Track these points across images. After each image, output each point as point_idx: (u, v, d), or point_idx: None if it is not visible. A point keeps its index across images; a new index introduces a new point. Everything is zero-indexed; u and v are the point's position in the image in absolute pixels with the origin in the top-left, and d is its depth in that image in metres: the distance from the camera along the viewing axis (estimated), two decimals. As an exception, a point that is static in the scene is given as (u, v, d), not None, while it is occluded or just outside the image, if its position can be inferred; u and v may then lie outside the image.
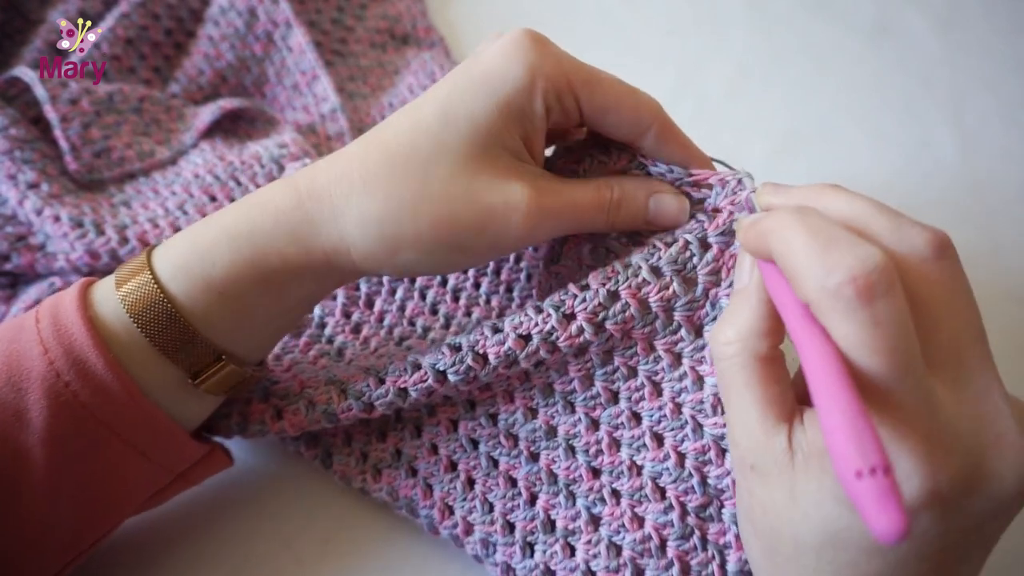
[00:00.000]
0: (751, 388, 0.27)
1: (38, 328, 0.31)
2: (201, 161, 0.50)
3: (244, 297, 0.32)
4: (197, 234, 0.33)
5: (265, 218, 0.32)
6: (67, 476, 0.31)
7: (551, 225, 0.33)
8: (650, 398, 0.34)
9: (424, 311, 0.44)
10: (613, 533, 0.34)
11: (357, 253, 0.32)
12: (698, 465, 0.33)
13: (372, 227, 0.31)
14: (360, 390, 0.35)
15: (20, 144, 0.46)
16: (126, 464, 0.32)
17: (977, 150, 0.57)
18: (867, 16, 0.66)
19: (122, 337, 0.31)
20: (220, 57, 0.57)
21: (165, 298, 0.31)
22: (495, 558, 0.36)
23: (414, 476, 0.38)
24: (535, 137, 0.33)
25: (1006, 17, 0.65)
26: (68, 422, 0.30)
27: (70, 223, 0.44)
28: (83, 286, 0.33)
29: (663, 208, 0.34)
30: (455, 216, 0.31)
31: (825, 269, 0.23)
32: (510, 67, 0.31)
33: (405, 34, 0.64)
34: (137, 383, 0.31)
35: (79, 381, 0.30)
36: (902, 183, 0.56)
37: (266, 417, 0.37)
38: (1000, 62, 0.62)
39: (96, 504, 0.33)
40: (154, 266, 0.32)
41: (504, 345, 0.33)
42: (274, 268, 0.32)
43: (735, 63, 0.63)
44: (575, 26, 0.66)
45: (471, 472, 0.37)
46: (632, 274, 0.33)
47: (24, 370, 0.30)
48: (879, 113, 0.60)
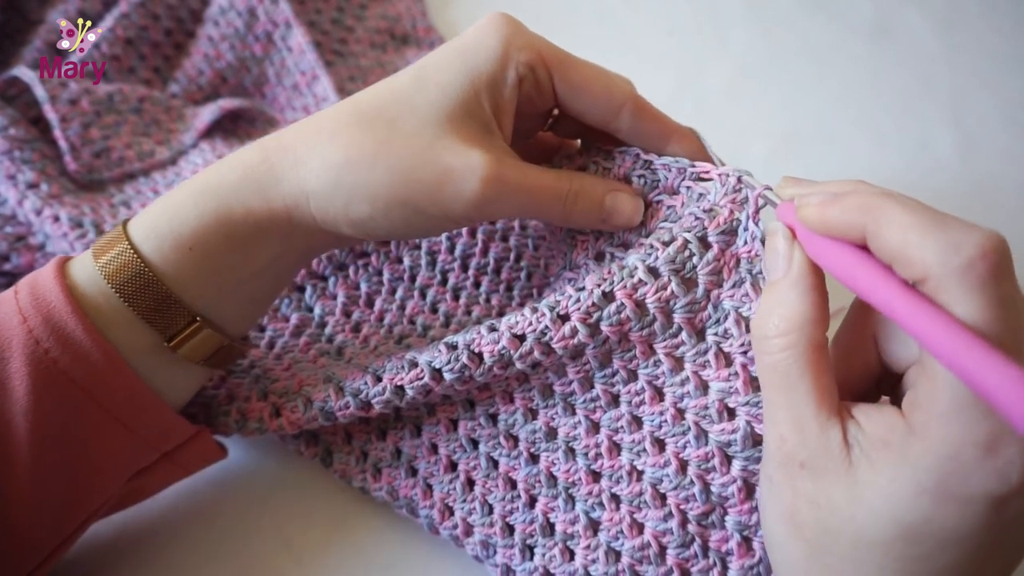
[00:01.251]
0: (806, 379, 0.27)
1: (16, 299, 0.31)
2: (201, 161, 0.50)
3: (212, 254, 0.32)
4: (168, 196, 0.34)
5: (232, 172, 0.33)
6: (50, 449, 0.31)
7: (507, 200, 0.33)
8: (651, 402, 0.34)
9: (424, 310, 0.44)
10: (612, 539, 0.34)
11: (315, 202, 0.32)
12: (701, 473, 0.32)
13: (330, 173, 0.32)
14: (357, 388, 0.35)
15: (20, 144, 0.46)
16: (108, 435, 0.32)
17: (977, 150, 0.57)
18: (867, 16, 0.66)
19: (101, 304, 0.32)
20: (220, 57, 0.57)
21: (141, 261, 0.32)
22: (495, 559, 0.36)
23: (414, 476, 0.38)
24: (505, 109, 0.34)
25: (1006, 17, 0.65)
26: (49, 390, 0.30)
27: (69, 223, 0.44)
28: (60, 260, 0.33)
29: (618, 206, 0.35)
30: (412, 169, 0.32)
31: (951, 245, 0.23)
32: (484, 39, 0.33)
33: (405, 34, 0.64)
34: (118, 349, 0.31)
35: (59, 348, 0.30)
36: (902, 183, 0.56)
37: (264, 415, 0.36)
38: (1000, 62, 0.62)
39: (79, 479, 0.33)
40: (129, 233, 0.33)
41: (499, 344, 0.33)
42: (238, 221, 0.32)
43: (735, 63, 0.63)
44: (575, 26, 0.66)
45: (471, 473, 0.37)
46: (628, 274, 0.32)
47: (4, 340, 0.30)
48: (879, 113, 0.60)
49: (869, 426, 0.26)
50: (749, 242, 0.31)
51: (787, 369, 0.27)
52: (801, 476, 0.27)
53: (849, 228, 0.26)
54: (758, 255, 0.31)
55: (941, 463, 0.23)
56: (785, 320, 0.27)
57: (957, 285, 0.23)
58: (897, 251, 0.24)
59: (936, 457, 0.24)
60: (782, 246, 0.29)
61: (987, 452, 0.23)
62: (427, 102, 0.32)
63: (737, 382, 0.32)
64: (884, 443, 0.25)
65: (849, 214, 0.26)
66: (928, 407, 0.24)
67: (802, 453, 0.27)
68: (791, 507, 0.27)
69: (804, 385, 0.27)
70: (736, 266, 0.32)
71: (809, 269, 0.28)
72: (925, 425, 0.24)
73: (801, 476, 0.27)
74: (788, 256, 0.29)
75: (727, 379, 0.32)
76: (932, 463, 0.24)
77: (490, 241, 0.44)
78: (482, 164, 0.32)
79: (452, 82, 0.33)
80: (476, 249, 0.44)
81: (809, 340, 0.27)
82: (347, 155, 0.32)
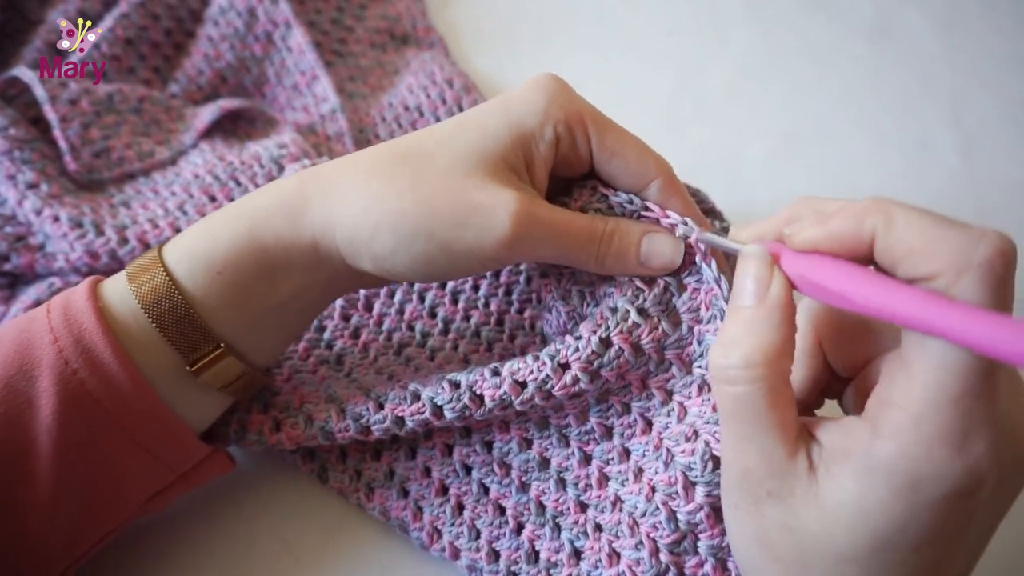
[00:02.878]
0: (775, 412, 0.26)
1: (49, 318, 0.32)
2: (201, 161, 0.50)
3: (241, 280, 0.33)
4: (205, 220, 0.34)
5: (267, 198, 0.34)
6: (70, 467, 0.31)
7: (538, 239, 0.32)
8: (641, 434, 0.34)
9: (423, 314, 0.44)
10: (592, 568, 0.34)
11: (341, 232, 0.32)
12: (665, 499, 0.32)
13: (359, 202, 0.32)
14: (359, 412, 0.35)
15: (19, 144, 0.46)
16: (129, 457, 0.33)
17: (977, 150, 0.57)
18: (867, 16, 0.66)
19: (130, 325, 0.32)
20: (220, 57, 0.57)
21: (172, 284, 0.32)
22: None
23: (405, 497, 0.38)
24: (539, 163, 0.34)
25: (1006, 17, 0.65)
26: (75, 410, 0.31)
27: (69, 223, 0.44)
28: (93, 281, 0.34)
29: (656, 247, 0.33)
30: (438, 201, 0.31)
31: (972, 241, 0.23)
32: (530, 95, 0.33)
33: (405, 34, 0.64)
34: (142, 372, 0.32)
35: (87, 369, 0.31)
36: (901, 183, 0.56)
37: (264, 428, 0.37)
38: (1000, 62, 0.62)
39: (98, 499, 0.33)
40: (164, 257, 0.33)
41: (500, 389, 0.33)
42: (268, 248, 0.33)
43: (735, 63, 0.63)
44: (575, 26, 0.66)
45: (461, 497, 0.37)
46: (621, 318, 0.33)
47: (35, 358, 0.31)
48: (879, 113, 0.60)
49: (827, 440, 0.26)
50: (709, 283, 0.32)
51: (753, 401, 0.26)
52: (769, 503, 0.26)
53: (852, 235, 0.26)
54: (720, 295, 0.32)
55: (913, 464, 0.23)
56: (757, 351, 0.26)
57: (976, 282, 0.23)
58: (914, 246, 0.24)
59: (908, 459, 0.23)
60: (759, 271, 0.28)
61: (958, 450, 0.23)
62: (465, 143, 0.33)
63: (708, 406, 0.32)
64: (844, 454, 0.25)
65: (851, 221, 0.26)
66: (904, 406, 0.24)
67: (769, 482, 0.26)
68: (760, 532, 0.27)
69: (772, 418, 0.26)
70: (711, 303, 0.33)
71: (787, 299, 0.27)
72: (898, 426, 0.24)
73: (769, 503, 0.26)
74: (765, 283, 0.27)
75: (701, 404, 0.32)
76: (904, 465, 0.23)
77: None
78: (513, 200, 0.31)
79: (492, 127, 0.33)
80: None
81: (779, 373, 0.26)
82: (378, 187, 0.32)
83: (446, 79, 0.58)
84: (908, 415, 0.24)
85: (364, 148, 0.33)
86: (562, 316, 0.37)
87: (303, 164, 0.44)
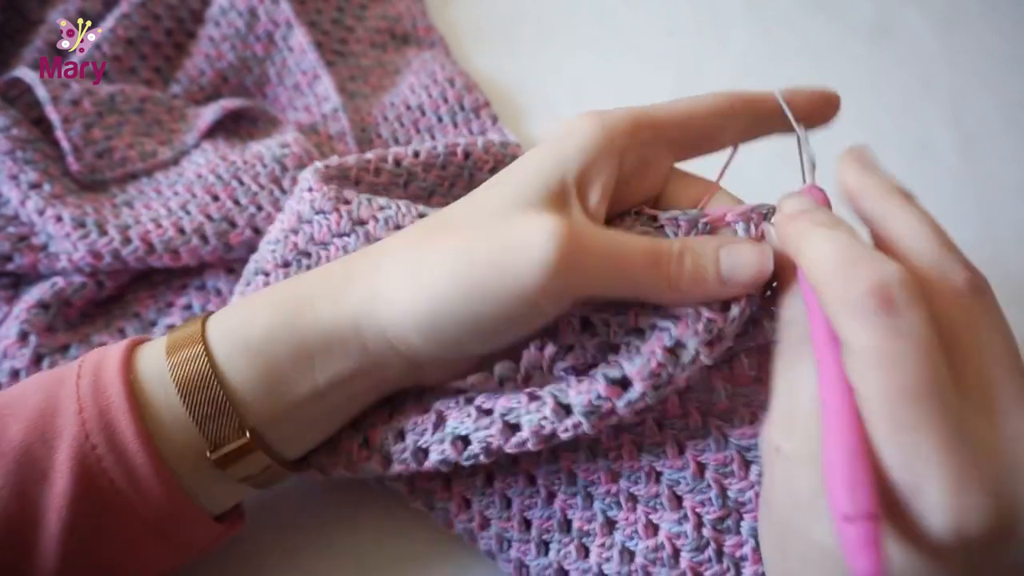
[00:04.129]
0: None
1: (78, 385, 0.30)
2: (204, 161, 0.50)
3: (275, 363, 0.31)
4: (251, 298, 0.33)
5: (313, 275, 0.32)
6: (80, 546, 0.30)
7: (590, 268, 0.28)
8: (672, 408, 0.34)
9: None
10: (627, 539, 0.34)
11: (384, 306, 0.30)
12: (718, 477, 0.32)
13: (398, 273, 0.30)
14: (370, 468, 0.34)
15: (22, 144, 0.46)
16: (143, 542, 0.31)
17: (977, 150, 0.57)
18: (867, 16, 0.66)
19: (161, 407, 0.30)
20: (221, 57, 0.57)
21: (212, 372, 0.30)
22: (509, 554, 0.36)
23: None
24: (592, 182, 0.30)
25: (1006, 17, 0.66)
26: (89, 489, 0.29)
27: (72, 223, 0.44)
28: (130, 345, 0.32)
29: (739, 259, 0.29)
30: (474, 246, 0.29)
31: (848, 280, 0.23)
32: (576, 124, 0.31)
33: (405, 34, 0.64)
34: (164, 456, 0.30)
35: (106, 447, 0.29)
36: (902, 183, 0.56)
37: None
38: (1000, 62, 0.63)
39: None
40: (207, 333, 0.31)
41: (525, 446, 0.32)
42: (306, 328, 0.31)
43: (735, 63, 0.63)
44: (575, 26, 0.66)
45: (491, 468, 0.37)
46: (690, 361, 0.29)
47: (58, 427, 0.29)
48: (878, 113, 0.60)
49: None
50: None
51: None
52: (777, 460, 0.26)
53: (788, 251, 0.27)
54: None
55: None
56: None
57: (851, 318, 0.23)
58: (815, 285, 0.25)
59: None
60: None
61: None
62: (499, 191, 0.31)
63: (761, 386, 0.32)
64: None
65: (787, 239, 0.26)
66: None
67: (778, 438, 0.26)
68: (767, 484, 0.27)
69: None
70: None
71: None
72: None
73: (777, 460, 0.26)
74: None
75: (750, 384, 0.32)
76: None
77: None
78: (552, 223, 0.27)
79: (531, 166, 0.30)
80: None
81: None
82: (420, 252, 0.30)
83: (447, 78, 0.58)
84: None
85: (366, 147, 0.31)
86: (588, 351, 0.33)
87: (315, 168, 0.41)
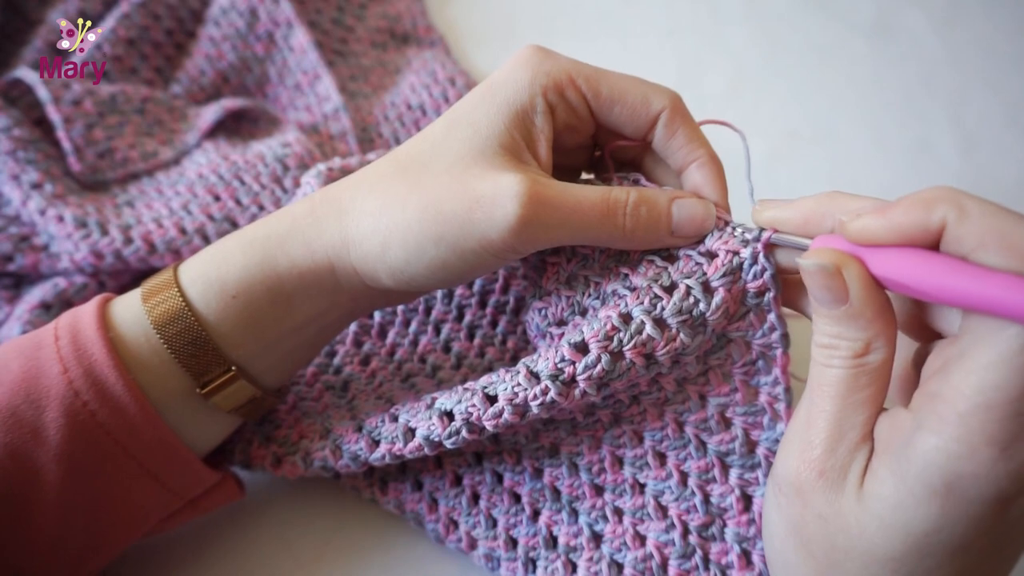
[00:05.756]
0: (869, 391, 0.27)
1: (57, 346, 0.31)
2: (205, 161, 0.50)
3: (255, 305, 0.33)
4: (219, 243, 0.34)
5: (280, 223, 0.33)
6: (79, 495, 0.31)
7: (551, 220, 0.30)
8: (651, 420, 0.34)
9: (436, 348, 0.42)
10: (615, 551, 0.34)
11: (354, 250, 0.32)
12: (701, 484, 0.33)
13: (368, 220, 0.32)
14: (355, 452, 0.35)
15: (23, 145, 0.46)
16: (138, 486, 0.33)
17: (977, 150, 0.57)
18: (867, 15, 0.66)
19: (142, 346, 0.32)
20: (222, 57, 0.57)
21: (187, 308, 0.32)
22: (499, 573, 0.36)
23: (420, 490, 0.38)
24: (540, 139, 0.33)
25: (1007, 16, 0.66)
26: (84, 441, 0.31)
27: (74, 223, 0.44)
28: (101, 302, 0.33)
29: (687, 212, 0.32)
30: (441, 201, 0.30)
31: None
32: (512, 72, 0.33)
33: (405, 33, 0.64)
34: (150, 396, 0.31)
35: (97, 401, 0.31)
36: (902, 183, 0.56)
37: (266, 464, 0.37)
38: (1001, 61, 0.63)
39: (106, 526, 0.33)
40: (180, 278, 0.33)
41: (501, 417, 0.31)
42: (282, 274, 0.32)
43: (735, 63, 0.63)
44: (575, 26, 0.66)
45: (476, 487, 0.37)
46: (636, 331, 0.30)
47: (43, 388, 0.30)
48: (879, 112, 0.60)
49: (880, 431, 0.26)
50: (758, 277, 0.30)
51: (852, 381, 0.27)
52: (817, 487, 0.26)
53: (917, 225, 0.25)
54: (769, 289, 0.30)
55: (953, 462, 0.23)
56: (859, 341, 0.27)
57: None
58: (986, 238, 0.23)
59: (947, 455, 0.23)
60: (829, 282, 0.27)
61: (1002, 453, 0.22)
62: (458, 140, 0.32)
63: (736, 395, 0.32)
64: (885, 445, 0.25)
65: (917, 210, 0.25)
66: (953, 401, 0.23)
67: (827, 463, 0.26)
68: (799, 520, 0.27)
69: (862, 396, 0.26)
70: (743, 299, 0.31)
71: (871, 295, 0.26)
72: (943, 420, 0.23)
73: (817, 487, 0.26)
74: (841, 287, 0.27)
75: (727, 394, 0.32)
76: (942, 461, 0.23)
77: (511, 279, 0.43)
78: (516, 182, 0.30)
79: (482, 118, 0.32)
80: (496, 286, 0.43)
81: (883, 358, 0.26)
82: (383, 201, 0.32)
83: (448, 78, 0.58)
84: (956, 410, 0.23)
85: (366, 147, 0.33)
86: (562, 303, 0.35)
87: (318, 171, 0.43)
